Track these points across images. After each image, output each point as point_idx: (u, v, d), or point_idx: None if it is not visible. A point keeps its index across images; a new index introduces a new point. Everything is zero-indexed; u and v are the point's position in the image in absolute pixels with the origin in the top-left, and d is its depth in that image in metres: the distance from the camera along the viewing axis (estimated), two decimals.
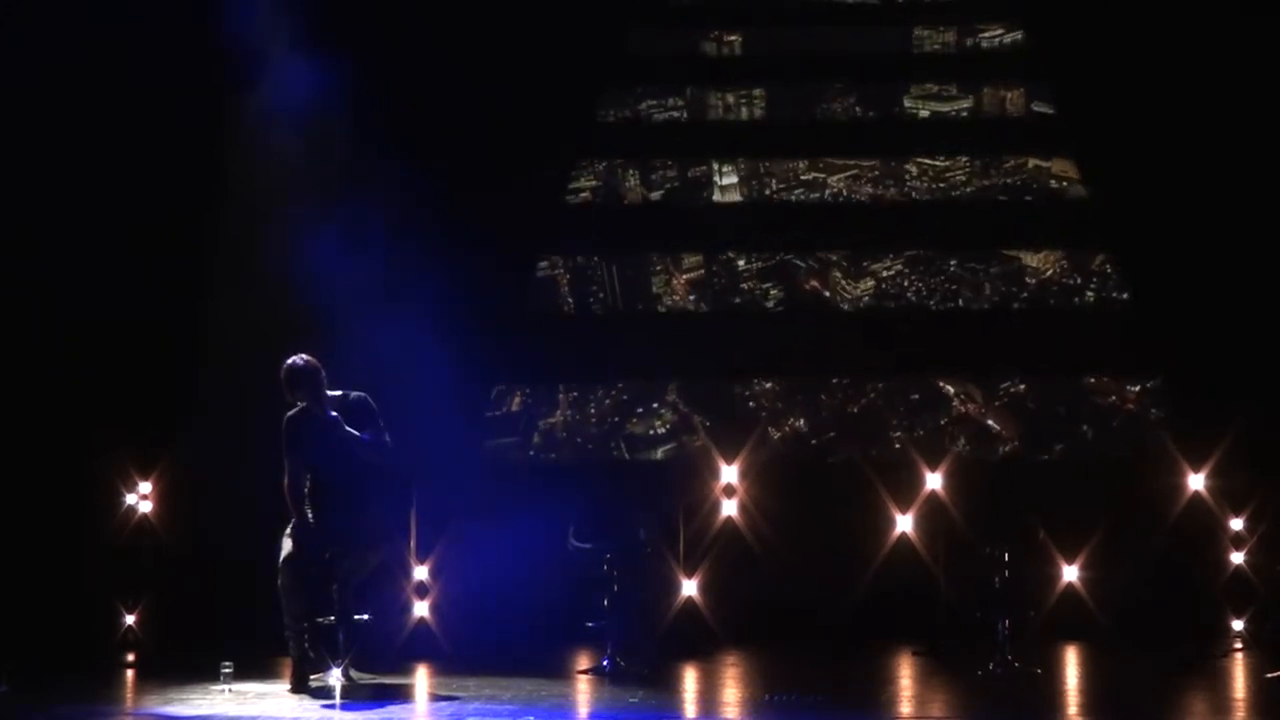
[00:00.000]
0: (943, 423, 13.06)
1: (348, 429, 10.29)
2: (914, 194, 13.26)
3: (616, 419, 13.21)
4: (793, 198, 13.32)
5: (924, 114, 13.30)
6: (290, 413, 10.40)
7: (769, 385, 13.18)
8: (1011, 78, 13.25)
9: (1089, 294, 13.12)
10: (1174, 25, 12.60)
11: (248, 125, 12.55)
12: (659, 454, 13.18)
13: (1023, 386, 13.08)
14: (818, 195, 13.31)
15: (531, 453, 13.15)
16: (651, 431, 13.19)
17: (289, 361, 10.36)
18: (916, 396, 13.10)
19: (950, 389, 13.12)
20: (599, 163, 13.39)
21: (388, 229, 12.29)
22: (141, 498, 12.21)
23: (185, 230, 12.48)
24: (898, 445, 12.96)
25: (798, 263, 13.27)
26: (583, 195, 13.38)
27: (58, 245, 12.23)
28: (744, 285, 13.27)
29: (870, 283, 13.23)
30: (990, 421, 13.05)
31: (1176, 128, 12.65)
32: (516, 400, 13.24)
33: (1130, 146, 12.82)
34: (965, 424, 13.03)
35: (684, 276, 13.32)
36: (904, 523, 12.43)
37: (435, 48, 12.77)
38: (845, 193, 13.29)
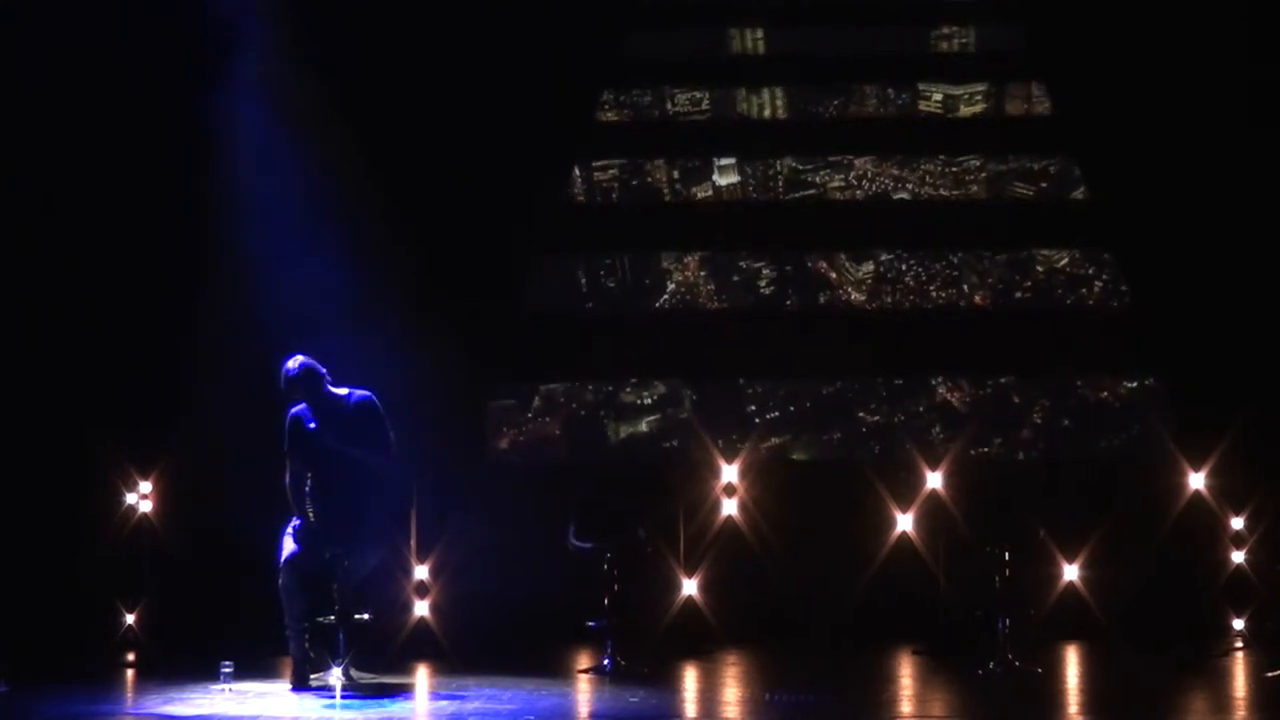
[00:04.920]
0: (941, 421, 13.05)
1: (336, 443, 10.28)
2: (915, 193, 13.25)
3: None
4: (794, 197, 13.31)
5: (923, 114, 13.28)
6: (293, 410, 10.41)
7: (769, 383, 13.17)
8: (1012, 77, 13.23)
9: (1089, 293, 13.11)
10: (1174, 25, 12.60)
11: (239, 123, 12.56)
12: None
13: (1022, 385, 13.07)
14: (818, 194, 13.30)
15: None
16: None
17: (284, 367, 10.36)
18: (915, 395, 13.10)
19: (949, 387, 13.11)
20: (598, 162, 13.37)
21: (386, 228, 12.27)
22: (141, 497, 12.18)
23: (180, 228, 12.48)
24: (897, 444, 12.95)
25: (798, 261, 13.26)
26: (581, 194, 13.37)
27: (53, 245, 12.23)
28: (744, 284, 13.26)
29: (870, 281, 13.22)
30: (990, 421, 13.04)
31: (1176, 128, 12.64)
32: (515, 391, 13.28)
33: (1130, 146, 12.81)
34: (964, 422, 13.02)
35: (684, 275, 13.32)
36: (904, 522, 12.42)
37: (434, 47, 12.77)
38: (846, 192, 13.28)
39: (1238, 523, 12.23)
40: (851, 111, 13.32)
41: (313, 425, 10.37)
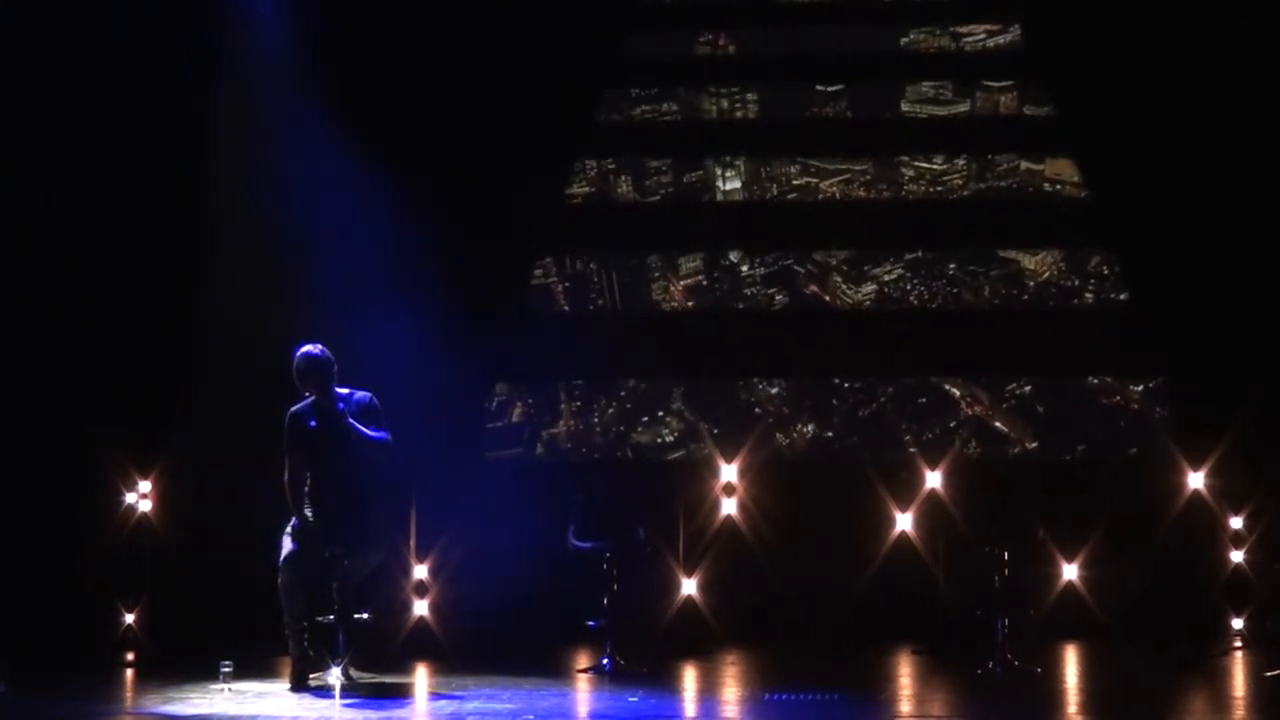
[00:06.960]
0: (943, 424, 13.04)
1: (353, 423, 10.28)
2: (912, 195, 13.24)
3: (621, 428, 13.17)
4: (791, 199, 13.29)
5: (921, 115, 13.27)
6: (294, 408, 10.40)
7: (770, 388, 13.15)
8: (1009, 77, 13.21)
9: (1089, 294, 13.10)
10: (1172, 24, 12.59)
11: (238, 123, 12.56)
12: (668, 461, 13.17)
13: (1024, 387, 13.06)
14: (815, 197, 13.28)
15: (537, 453, 13.14)
16: (659, 440, 13.15)
17: (302, 350, 10.33)
18: (918, 398, 13.08)
19: (951, 390, 13.10)
20: (597, 164, 13.36)
21: (386, 229, 12.27)
22: (141, 496, 12.20)
23: (180, 226, 12.49)
24: (898, 446, 12.94)
25: (797, 265, 13.25)
26: (581, 196, 13.37)
27: (53, 245, 12.24)
28: (743, 287, 13.25)
29: (870, 284, 13.21)
30: (992, 422, 13.03)
31: (1175, 127, 12.63)
32: (517, 410, 13.19)
33: (1129, 146, 12.80)
34: (966, 425, 13.01)
35: (683, 278, 13.31)
36: (904, 521, 12.42)
37: (435, 47, 12.77)
38: (843, 195, 13.27)
39: (1237, 522, 12.23)
40: (852, 114, 13.29)
41: (313, 424, 10.37)
